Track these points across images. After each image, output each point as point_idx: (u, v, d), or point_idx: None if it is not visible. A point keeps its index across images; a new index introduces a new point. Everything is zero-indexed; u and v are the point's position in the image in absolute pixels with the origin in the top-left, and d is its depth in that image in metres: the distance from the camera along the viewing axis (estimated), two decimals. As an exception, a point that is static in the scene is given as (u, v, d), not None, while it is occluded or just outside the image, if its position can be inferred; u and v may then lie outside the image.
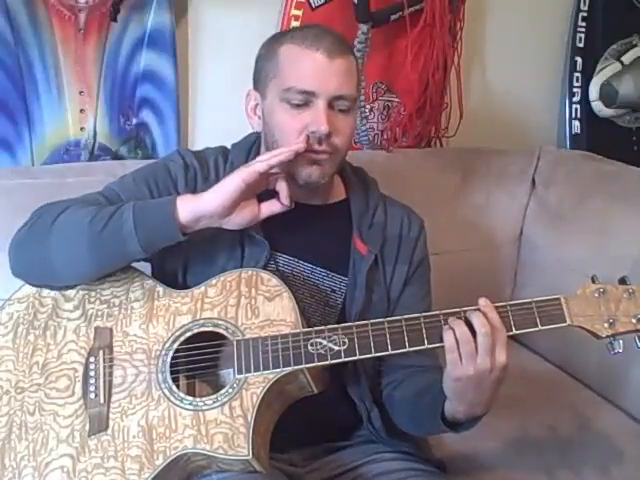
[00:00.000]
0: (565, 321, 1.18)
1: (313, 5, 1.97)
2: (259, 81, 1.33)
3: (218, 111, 1.97)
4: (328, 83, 1.25)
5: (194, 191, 1.30)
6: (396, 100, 2.14)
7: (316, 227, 1.36)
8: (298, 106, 1.26)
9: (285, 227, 1.33)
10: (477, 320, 1.14)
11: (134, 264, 1.33)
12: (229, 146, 1.43)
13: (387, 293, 1.38)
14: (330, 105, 1.26)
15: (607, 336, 1.18)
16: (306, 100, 1.26)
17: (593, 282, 1.21)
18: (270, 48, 1.32)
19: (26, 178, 1.73)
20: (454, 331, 1.14)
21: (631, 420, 1.74)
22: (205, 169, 1.36)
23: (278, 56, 1.29)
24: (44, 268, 1.23)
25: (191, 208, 1.19)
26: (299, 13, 1.96)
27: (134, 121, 1.90)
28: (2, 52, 1.74)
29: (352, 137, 1.36)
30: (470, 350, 1.12)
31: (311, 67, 1.26)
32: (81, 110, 1.85)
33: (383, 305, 1.37)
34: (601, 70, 2.36)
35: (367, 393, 1.36)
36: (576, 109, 2.39)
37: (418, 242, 1.43)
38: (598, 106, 2.37)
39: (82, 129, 1.86)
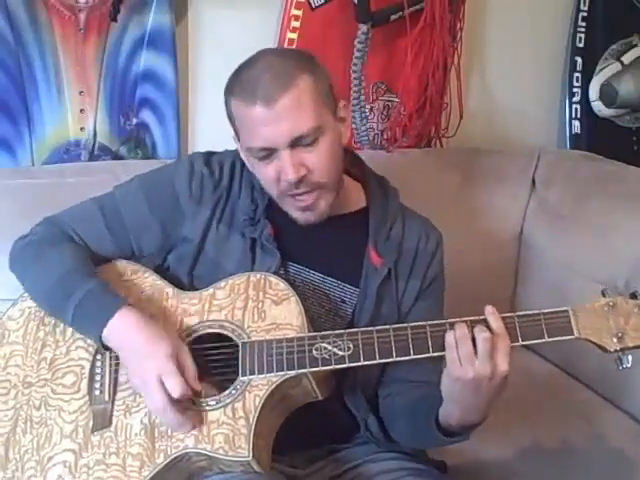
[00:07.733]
0: (573, 334, 1.16)
1: (313, 5, 1.97)
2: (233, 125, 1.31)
3: (218, 111, 1.94)
4: (278, 133, 1.20)
5: (200, 200, 1.32)
6: (396, 100, 2.13)
7: (331, 236, 1.34)
8: (265, 157, 1.24)
9: (299, 236, 1.33)
10: (478, 326, 1.14)
11: (145, 265, 1.34)
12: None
13: (398, 307, 1.37)
14: (294, 146, 1.22)
15: (615, 350, 1.15)
16: (269, 153, 1.23)
17: (603, 296, 1.18)
18: (226, 95, 1.28)
19: (26, 178, 1.73)
20: (455, 331, 1.14)
21: (633, 422, 1.74)
22: (217, 174, 1.35)
23: (232, 111, 1.27)
24: (20, 281, 1.33)
25: (119, 340, 1.20)
26: (299, 13, 1.96)
27: (134, 121, 1.90)
28: (2, 52, 1.74)
29: (334, 159, 1.27)
30: (468, 352, 1.12)
31: (256, 125, 1.21)
32: (81, 110, 1.84)
33: (393, 318, 1.34)
34: (601, 70, 2.36)
35: (363, 403, 1.35)
36: (576, 109, 2.38)
37: (434, 258, 1.40)
38: (598, 106, 2.37)
39: (82, 129, 1.86)
